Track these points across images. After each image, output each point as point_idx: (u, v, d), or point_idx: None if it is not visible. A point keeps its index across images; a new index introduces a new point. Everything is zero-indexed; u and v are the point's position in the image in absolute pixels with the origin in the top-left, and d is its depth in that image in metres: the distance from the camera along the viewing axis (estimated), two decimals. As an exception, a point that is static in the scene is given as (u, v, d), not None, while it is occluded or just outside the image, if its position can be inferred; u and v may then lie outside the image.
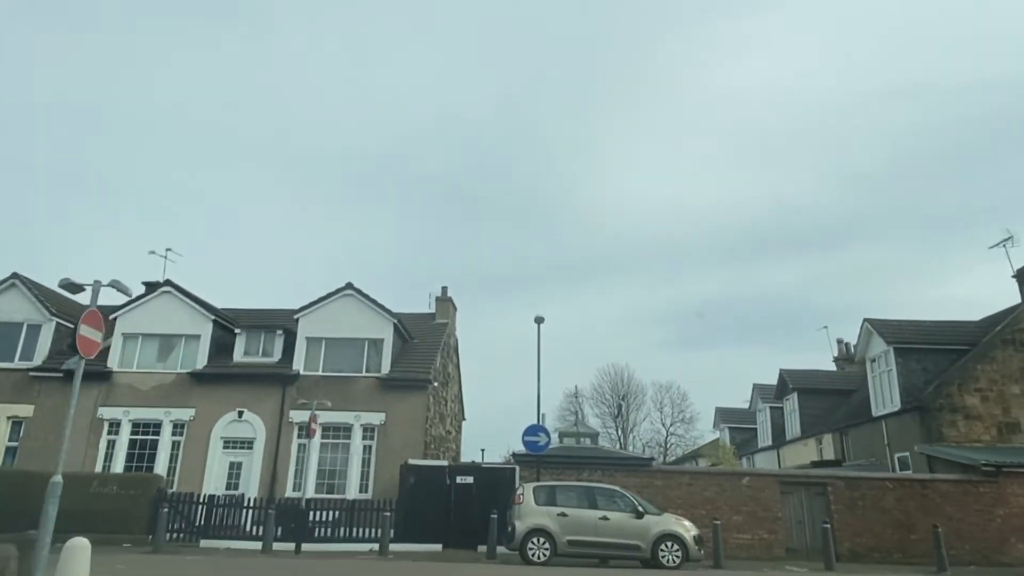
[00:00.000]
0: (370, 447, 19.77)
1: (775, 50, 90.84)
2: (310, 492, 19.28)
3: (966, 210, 79.81)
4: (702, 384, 71.49)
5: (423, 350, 22.15)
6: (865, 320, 23.17)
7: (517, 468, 16.81)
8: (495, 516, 14.72)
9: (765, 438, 33.88)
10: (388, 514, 15.07)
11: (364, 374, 20.42)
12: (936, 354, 21.50)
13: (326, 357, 20.67)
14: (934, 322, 22.96)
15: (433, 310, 25.58)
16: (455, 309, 26.66)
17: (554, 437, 19.74)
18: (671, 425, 58.55)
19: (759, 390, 35.01)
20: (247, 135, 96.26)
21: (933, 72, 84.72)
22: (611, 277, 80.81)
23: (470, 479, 16.65)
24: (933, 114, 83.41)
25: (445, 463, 17.31)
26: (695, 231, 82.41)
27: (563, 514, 13.01)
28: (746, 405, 45.24)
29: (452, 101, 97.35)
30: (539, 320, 17.63)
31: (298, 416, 19.86)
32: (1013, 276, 21.89)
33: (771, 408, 33.66)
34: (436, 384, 21.08)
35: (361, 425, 19.84)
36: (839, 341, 34.26)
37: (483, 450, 35.46)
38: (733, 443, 40.16)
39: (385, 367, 20.43)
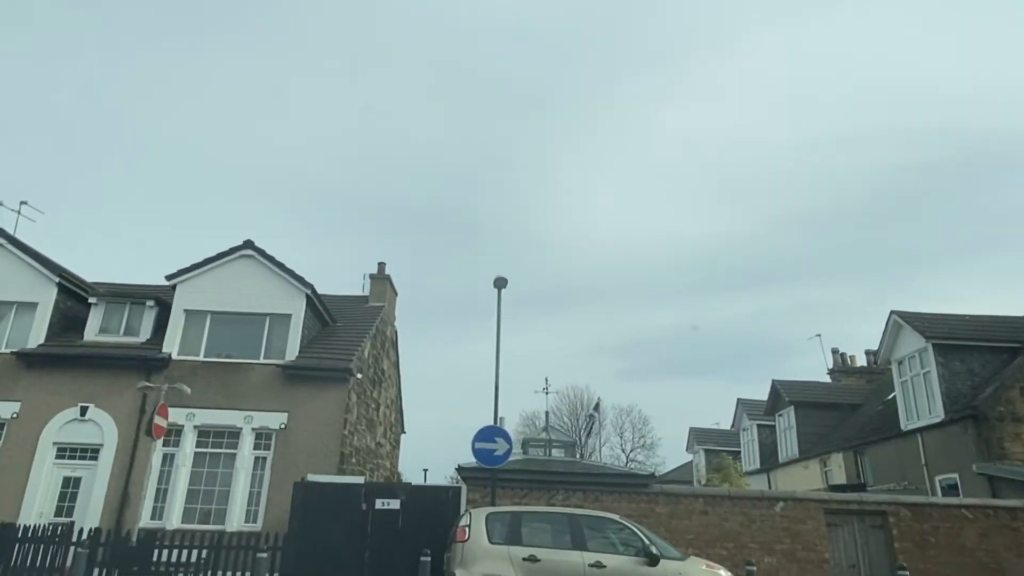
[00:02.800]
0: (264, 460, 14.51)
1: (732, 94, 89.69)
2: (175, 521, 13.91)
3: (904, 252, 79.22)
4: (659, 414, 69.92)
5: (347, 335, 17.06)
6: (893, 313, 19.09)
7: (463, 488, 11.87)
8: (428, 557, 9.75)
9: (752, 460, 29.52)
10: (264, 555, 9.91)
11: (262, 360, 15.21)
12: (983, 353, 17.47)
13: (211, 337, 15.40)
14: (974, 316, 19.02)
15: (366, 293, 20.52)
16: (395, 293, 21.64)
17: (516, 448, 14.85)
18: (631, 451, 54.60)
19: (745, 406, 30.72)
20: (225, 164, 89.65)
21: (877, 122, 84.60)
22: (571, 308, 77.52)
23: (396, 503, 11.60)
24: (877, 160, 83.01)
25: (360, 480, 12.27)
26: (654, 265, 79.69)
27: (532, 559, 8.15)
28: (718, 426, 41.52)
29: (408, 128, 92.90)
30: (499, 283, 12.85)
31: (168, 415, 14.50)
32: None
33: (759, 426, 29.40)
34: (360, 376, 15.97)
35: (253, 429, 14.59)
36: (835, 351, 30.28)
37: (426, 470, 30.10)
38: (710, 468, 35.82)
39: (291, 352, 15.28)
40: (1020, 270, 70.69)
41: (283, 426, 14.56)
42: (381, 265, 20.60)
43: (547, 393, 14.87)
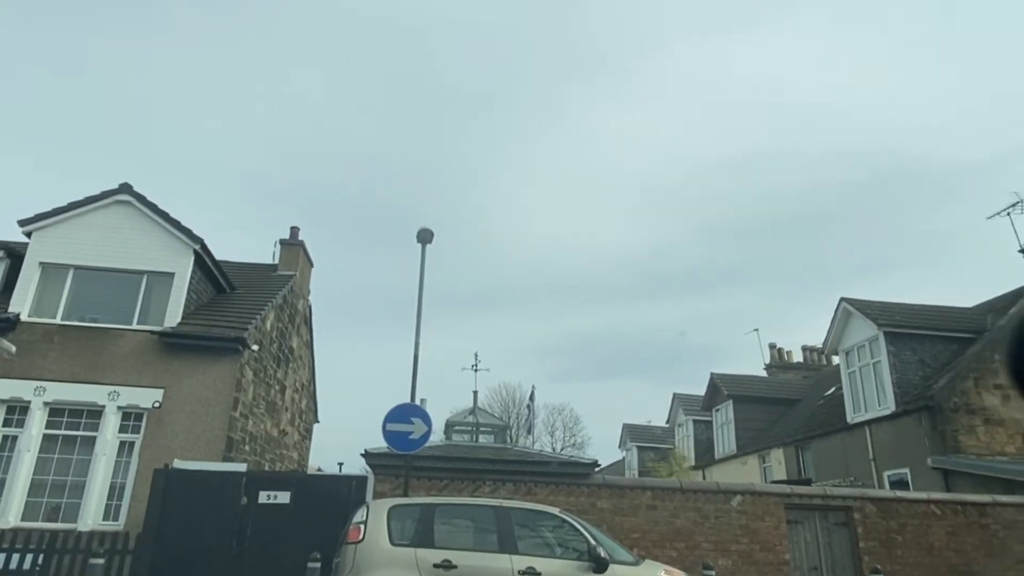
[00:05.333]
0: (132, 445, 12.02)
1: (663, 106, 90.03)
2: (13, 519, 11.27)
3: (816, 267, 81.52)
4: (592, 414, 69.68)
5: (246, 303, 14.66)
6: (843, 300, 18.14)
7: (371, 477, 9.83)
8: (317, 563, 7.69)
9: (687, 457, 28.52)
10: (99, 561, 7.61)
11: (135, 327, 12.68)
12: (935, 342, 16.68)
13: (73, 297, 12.75)
14: (924, 305, 18.28)
15: (276, 261, 18.08)
16: (310, 264, 19.27)
17: (439, 433, 12.87)
18: (562, 449, 53.62)
19: (681, 401, 29.75)
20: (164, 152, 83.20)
21: (794, 141, 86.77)
22: (503, 309, 76.19)
23: (284, 496, 9.45)
24: (792, 178, 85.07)
25: (241, 467, 10.04)
26: (588, 267, 79.03)
27: (446, 564, 6.23)
28: (650, 424, 40.75)
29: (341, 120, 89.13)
30: (423, 237, 10.86)
31: (10, 388, 11.84)
32: (1020, 251, 17.63)
33: (695, 421, 28.45)
34: (256, 349, 13.63)
35: (120, 408, 12.07)
36: (772, 346, 29.62)
37: (341, 464, 27.69)
38: (642, 465, 34.78)
39: (172, 318, 12.81)
40: (938, 286, 73.57)
41: (157, 405, 12.10)
42: (294, 230, 18.21)
43: (476, 371, 13.07)
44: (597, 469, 10.83)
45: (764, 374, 28.71)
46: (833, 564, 10.53)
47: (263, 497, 9.42)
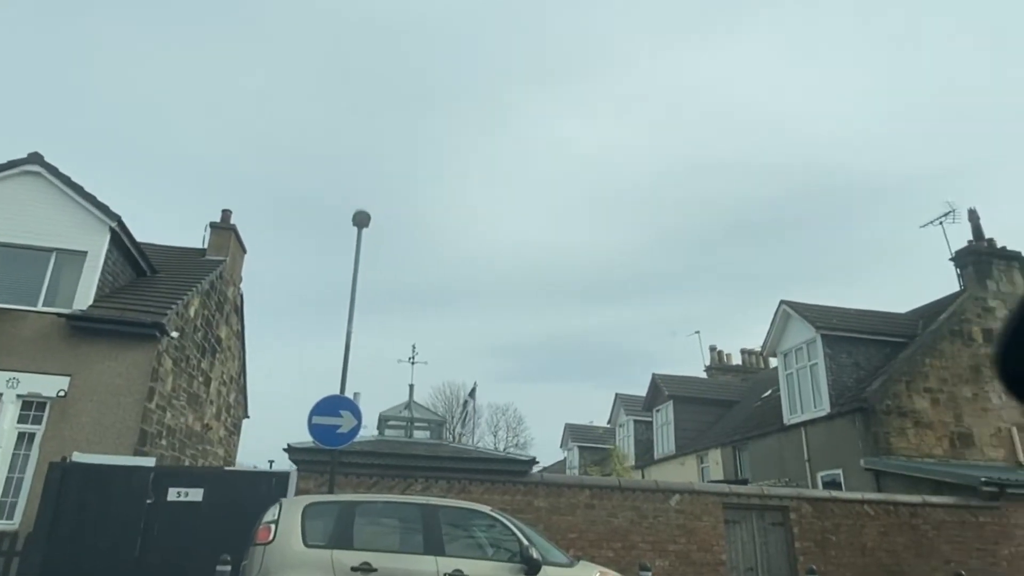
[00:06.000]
0: (32, 436, 11.02)
1: (612, 115, 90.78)
2: None
3: (758, 274, 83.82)
4: (536, 415, 69.86)
5: (168, 287, 13.72)
6: (783, 303, 18.33)
7: (292, 474, 9.18)
8: (227, 566, 7.05)
9: (627, 455, 28.56)
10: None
11: (40, 308, 11.65)
12: (869, 346, 17.01)
13: (-30, 274, 11.64)
14: (859, 310, 18.65)
15: (205, 245, 17.07)
16: (243, 250, 18.30)
17: (371, 426, 12.27)
18: (505, 449, 53.54)
19: (623, 401, 29.78)
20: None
21: (736, 152, 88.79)
22: (452, 309, 75.63)
23: (197, 493, 8.73)
24: (735, 188, 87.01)
25: (149, 462, 9.23)
26: (534, 270, 79.05)
27: (365, 568, 5.72)
28: (592, 424, 40.88)
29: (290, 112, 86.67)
30: (360, 220, 10.27)
31: None
32: (950, 259, 18.17)
33: (636, 421, 28.50)
34: (176, 335, 12.73)
35: (20, 396, 11.04)
36: (712, 348, 30.02)
37: (272, 462, 26.37)
38: (584, 464, 34.76)
39: (83, 300, 11.82)
40: (874, 293, 76.42)
41: (62, 393, 11.13)
42: (226, 213, 17.23)
43: (413, 363, 12.47)
44: (536, 467, 10.46)
45: (704, 376, 29.07)
46: (769, 564, 10.44)
47: (173, 495, 8.68)
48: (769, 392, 21.44)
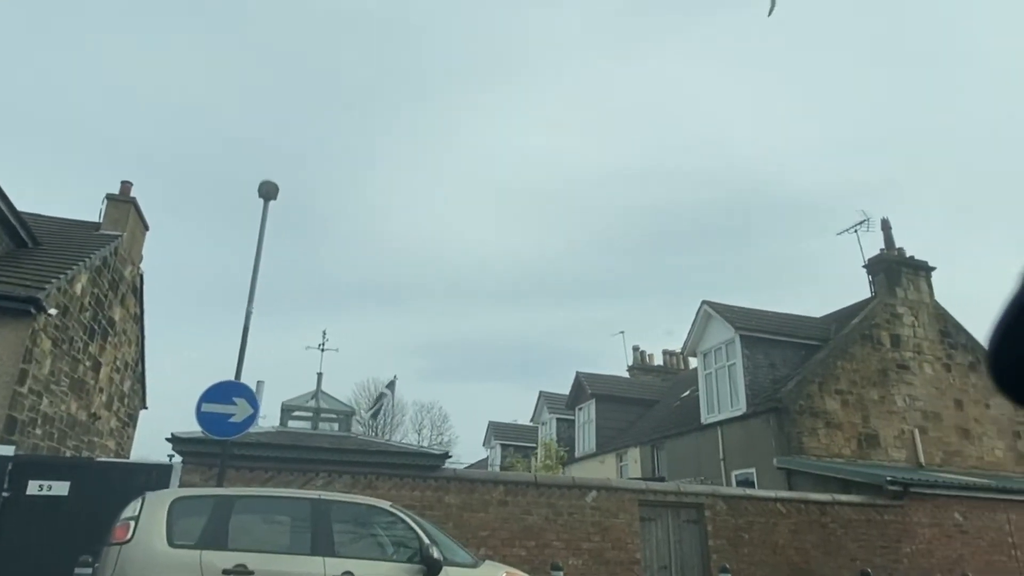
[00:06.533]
0: None
1: (555, 122, 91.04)
2: None
3: (684, 280, 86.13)
4: (462, 414, 70.24)
5: (50, 260, 12.40)
6: (704, 303, 18.49)
7: (176, 467, 8.32)
8: (88, 569, 6.19)
9: (556, 447, 28.43)
10: None
11: None
12: (785, 348, 17.36)
13: None
14: (777, 313, 19.03)
15: (101, 219, 15.64)
16: (144, 227, 16.90)
17: (274, 417, 11.36)
18: (429, 447, 52.93)
19: (547, 399, 29.55)
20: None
21: (665, 162, 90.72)
22: (381, 307, 74.26)
23: (63, 486, 7.75)
24: (665, 196, 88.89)
25: (8, 451, 8.13)
26: (464, 269, 78.39)
27: (240, 570, 5.04)
28: (515, 422, 40.73)
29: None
30: (266, 192, 9.46)
31: None
32: (864, 266, 18.80)
33: (559, 420, 28.36)
34: (54, 312, 11.48)
35: None
36: (635, 348, 30.29)
37: (171, 456, 24.68)
38: (506, 462, 34.45)
39: (-56, 269, 10.46)
40: (793, 299, 79.62)
41: (-88, 373, 9.78)
42: (126, 185, 15.84)
43: (323, 350, 11.56)
44: (450, 463, 9.94)
45: (627, 376, 29.27)
46: (683, 563, 10.29)
47: (34, 488, 7.67)
48: (688, 392, 21.68)
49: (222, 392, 8.27)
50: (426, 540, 5.59)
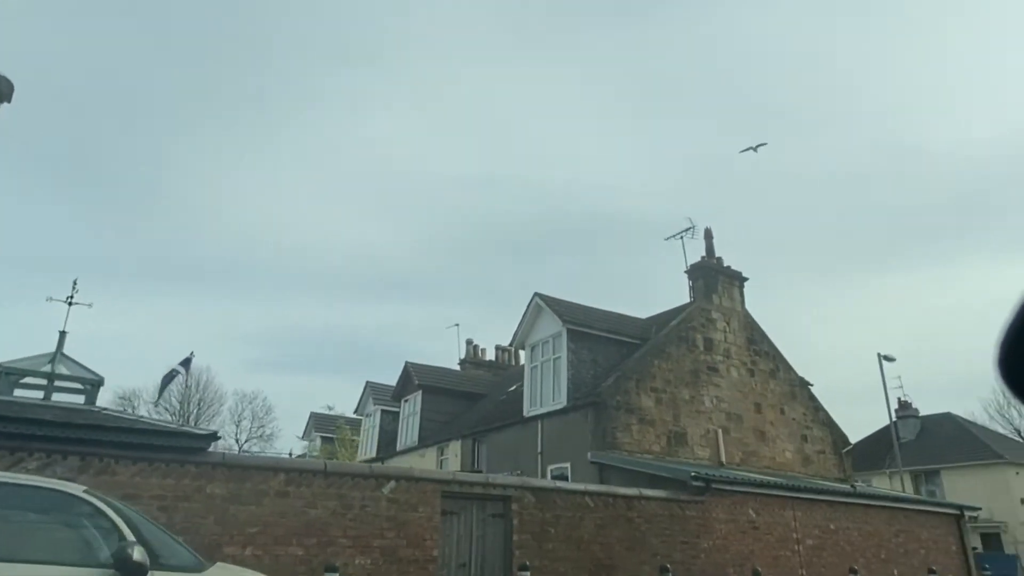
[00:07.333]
0: None
1: (404, 117, 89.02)
2: None
3: (528, 286, 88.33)
4: (290, 407, 68.31)
5: None
6: (536, 295, 18.15)
7: None
8: None
9: (369, 448, 27.00)
10: None
11: None
12: (609, 345, 17.45)
13: None
14: (604, 310, 19.16)
15: None
16: None
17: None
18: (247, 441, 49.08)
19: (373, 390, 28.07)
20: None
21: (523, 175, 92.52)
22: (216, 291, 68.28)
23: None
24: (519, 208, 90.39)
25: None
26: (319, 262, 74.38)
27: None
28: (331, 410, 38.91)
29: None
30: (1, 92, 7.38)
31: None
32: (685, 272, 19.48)
33: (383, 411, 27.02)
34: None
35: None
36: (469, 342, 29.73)
37: None
38: (327, 455, 32.44)
39: None
40: (626, 306, 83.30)
41: None
42: None
43: (70, 304, 9.28)
44: (219, 437, 8.40)
45: (458, 369, 28.59)
46: (483, 560, 9.54)
47: None
48: (516, 386, 21.32)
49: None
50: (129, 537, 4.22)
